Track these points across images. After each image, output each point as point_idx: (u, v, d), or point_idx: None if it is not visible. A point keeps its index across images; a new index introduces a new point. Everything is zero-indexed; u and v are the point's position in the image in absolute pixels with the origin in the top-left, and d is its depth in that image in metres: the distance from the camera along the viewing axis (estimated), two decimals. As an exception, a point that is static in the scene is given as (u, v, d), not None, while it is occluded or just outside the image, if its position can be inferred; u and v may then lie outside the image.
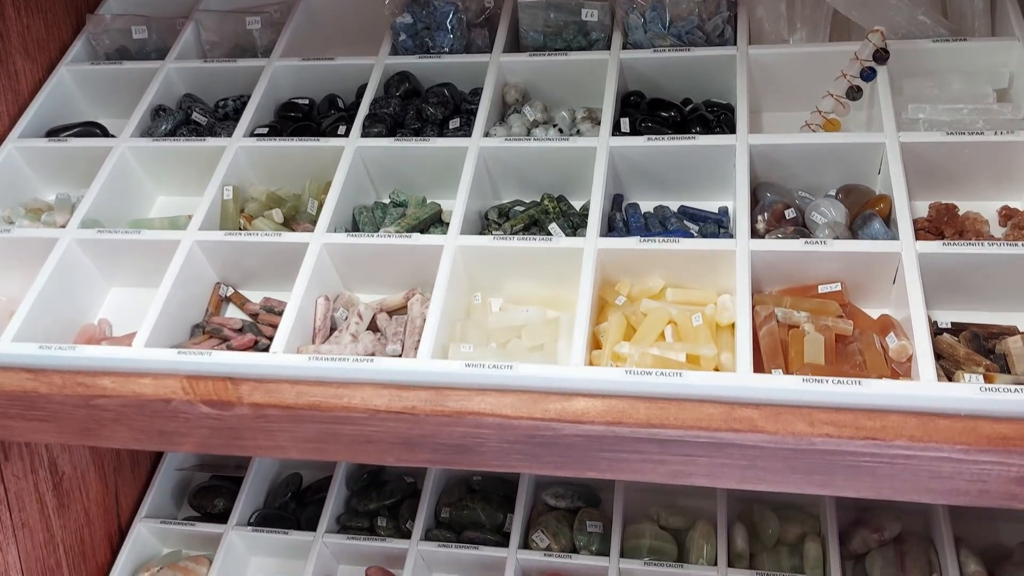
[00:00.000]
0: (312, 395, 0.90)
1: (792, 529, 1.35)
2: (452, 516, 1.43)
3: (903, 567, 1.27)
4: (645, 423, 0.84)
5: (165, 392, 0.92)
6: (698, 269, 0.94)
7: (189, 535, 1.46)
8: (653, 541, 1.36)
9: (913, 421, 0.78)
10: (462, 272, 0.98)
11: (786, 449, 0.82)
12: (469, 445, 0.91)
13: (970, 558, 1.24)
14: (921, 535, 1.32)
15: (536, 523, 1.41)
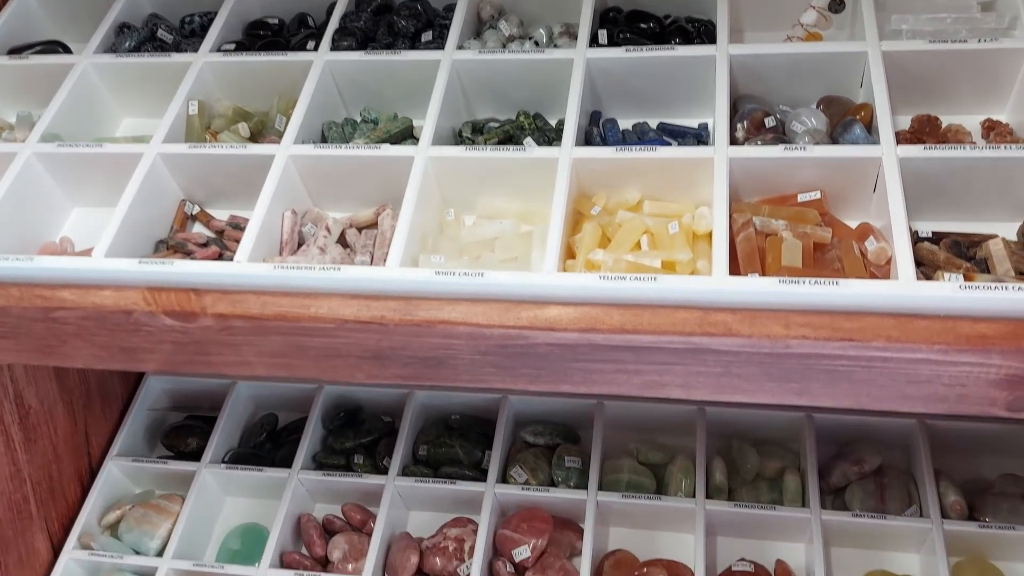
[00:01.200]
0: (278, 305, 0.87)
1: (771, 463, 1.34)
2: (430, 453, 1.42)
3: (882, 499, 1.26)
4: (619, 329, 0.82)
5: (126, 303, 0.90)
6: (676, 181, 0.92)
7: (161, 474, 1.43)
8: (631, 476, 1.35)
9: (891, 322, 0.77)
10: (433, 185, 0.95)
11: (761, 353, 0.80)
12: (440, 358, 0.89)
13: (949, 489, 1.24)
14: (901, 469, 1.32)
15: (514, 459, 1.40)
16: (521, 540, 1.30)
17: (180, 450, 1.47)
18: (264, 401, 1.54)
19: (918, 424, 1.30)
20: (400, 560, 1.30)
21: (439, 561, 1.30)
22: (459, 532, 1.34)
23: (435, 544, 1.33)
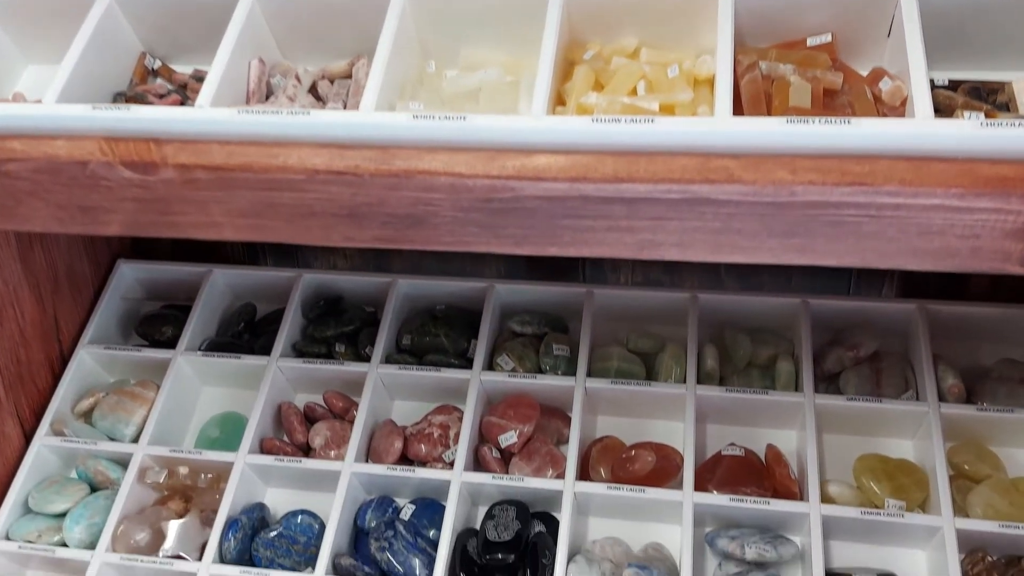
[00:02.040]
0: (244, 155, 0.81)
1: (764, 351, 1.31)
2: (414, 342, 1.38)
3: (878, 384, 1.23)
4: (612, 178, 0.76)
5: (81, 154, 0.83)
6: (677, 26, 0.85)
7: (135, 363, 1.39)
8: (621, 363, 1.31)
9: (904, 165, 0.71)
10: (412, 31, 0.88)
11: (764, 203, 0.75)
12: (421, 215, 0.83)
13: (948, 372, 1.20)
14: (898, 355, 1.28)
15: (501, 348, 1.36)
16: (507, 426, 1.26)
17: (155, 339, 1.42)
18: (242, 291, 1.49)
19: (917, 309, 1.26)
20: (384, 445, 1.27)
21: (423, 447, 1.27)
22: (444, 419, 1.30)
23: (419, 431, 1.29)
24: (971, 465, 1.17)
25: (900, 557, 1.16)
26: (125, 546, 1.20)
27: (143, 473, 1.26)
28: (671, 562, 1.18)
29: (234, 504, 1.22)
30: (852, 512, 1.12)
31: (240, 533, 1.19)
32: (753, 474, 1.19)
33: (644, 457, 1.20)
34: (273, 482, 1.31)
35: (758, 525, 1.17)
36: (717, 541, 1.15)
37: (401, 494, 1.28)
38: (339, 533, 1.19)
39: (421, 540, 1.19)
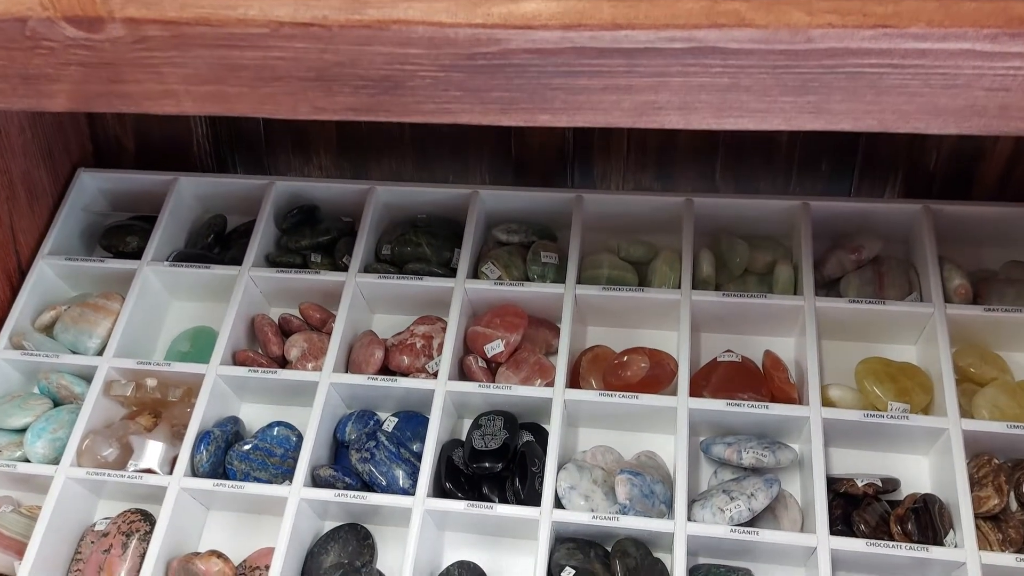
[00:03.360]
0: (199, 6, 0.73)
1: (762, 257, 1.25)
2: (394, 252, 1.31)
3: (880, 287, 1.18)
4: (610, 24, 0.68)
5: (19, 9, 0.74)
6: None
7: (99, 275, 1.31)
8: (612, 271, 1.25)
9: (933, 4, 0.64)
10: None
11: (777, 52, 0.67)
12: (397, 78, 0.75)
13: (954, 272, 1.15)
14: (901, 259, 1.23)
15: (486, 257, 1.29)
16: (494, 335, 1.21)
17: (119, 250, 1.35)
18: (211, 201, 1.41)
19: (922, 210, 1.20)
20: (364, 356, 1.21)
21: (405, 359, 1.21)
22: (427, 329, 1.24)
23: (401, 341, 1.23)
24: (977, 368, 1.12)
25: (902, 463, 1.12)
26: (91, 461, 1.14)
27: (109, 386, 1.19)
28: (665, 470, 1.13)
29: (205, 418, 1.16)
30: (854, 415, 1.07)
31: (212, 446, 1.13)
32: (750, 380, 1.14)
33: (637, 363, 1.15)
34: (248, 396, 1.25)
35: (755, 432, 1.12)
36: (712, 448, 1.10)
37: (383, 407, 1.23)
38: (318, 445, 1.14)
39: (404, 451, 1.14)
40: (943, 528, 1.00)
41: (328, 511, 1.14)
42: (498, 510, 1.06)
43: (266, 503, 1.12)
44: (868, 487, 1.04)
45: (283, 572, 1.05)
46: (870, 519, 1.02)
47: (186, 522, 1.13)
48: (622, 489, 1.06)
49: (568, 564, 1.03)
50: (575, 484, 1.08)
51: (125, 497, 1.17)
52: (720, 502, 1.03)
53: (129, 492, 1.15)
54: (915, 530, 0.99)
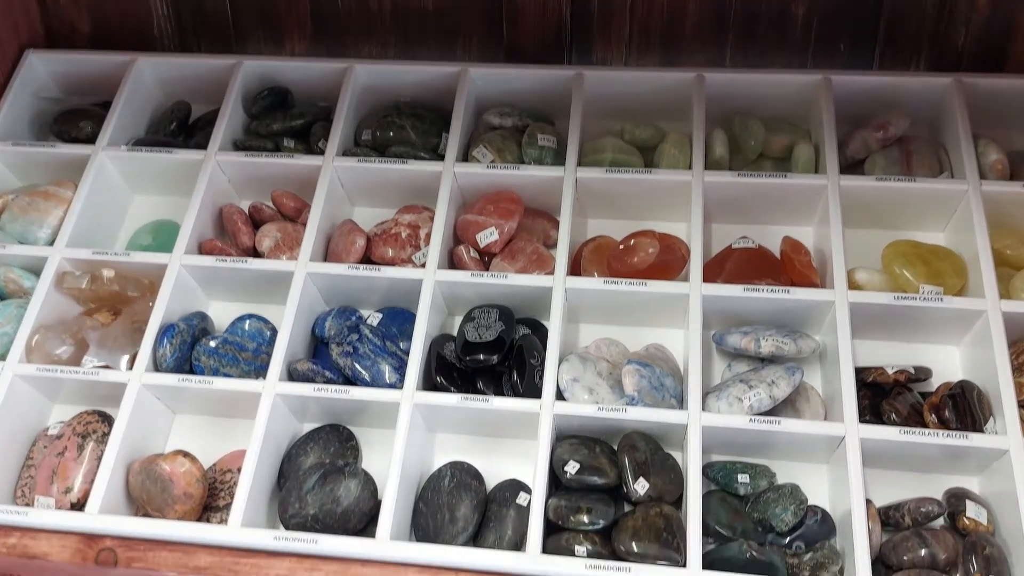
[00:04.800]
0: None
1: (779, 139, 1.15)
2: (375, 137, 1.19)
3: (908, 166, 1.08)
4: None
5: None
6: None
7: (50, 162, 1.19)
8: (616, 154, 1.14)
9: None
10: None
11: None
12: None
13: (990, 147, 1.06)
14: (930, 138, 1.13)
15: (477, 141, 1.18)
16: (487, 223, 1.10)
17: (72, 136, 1.22)
18: (172, 86, 1.28)
19: (953, 83, 1.10)
20: (344, 245, 1.10)
21: (390, 250, 1.11)
22: (413, 218, 1.13)
23: (385, 231, 1.12)
24: (1014, 250, 1.03)
25: (931, 354, 1.04)
26: (43, 358, 1.03)
27: (61, 279, 1.08)
28: (673, 363, 1.04)
29: (169, 311, 1.05)
30: (883, 298, 0.98)
31: (177, 339, 1.02)
32: (768, 267, 1.04)
33: (645, 247, 1.05)
34: (216, 293, 1.14)
35: (773, 322, 1.03)
36: (727, 339, 1.01)
37: (365, 303, 1.12)
38: (294, 340, 1.03)
39: (391, 344, 1.03)
40: (982, 415, 0.91)
41: (307, 411, 1.04)
42: (495, 403, 0.97)
43: (238, 402, 1.01)
44: (900, 374, 0.95)
45: (257, 473, 0.95)
46: (901, 408, 0.94)
47: (149, 425, 1.03)
48: (630, 380, 0.96)
49: (572, 459, 0.94)
50: (578, 376, 0.98)
51: (81, 400, 1.07)
52: (737, 391, 0.94)
53: (85, 393, 1.05)
54: (953, 417, 0.91)
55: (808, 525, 0.92)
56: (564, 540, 0.90)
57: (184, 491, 0.94)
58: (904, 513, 0.90)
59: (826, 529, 0.92)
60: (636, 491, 0.92)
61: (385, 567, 0.91)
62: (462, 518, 0.96)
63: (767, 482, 0.95)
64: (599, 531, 0.91)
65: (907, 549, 0.87)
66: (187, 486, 0.94)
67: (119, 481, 0.97)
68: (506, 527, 0.95)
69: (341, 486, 0.95)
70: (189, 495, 0.94)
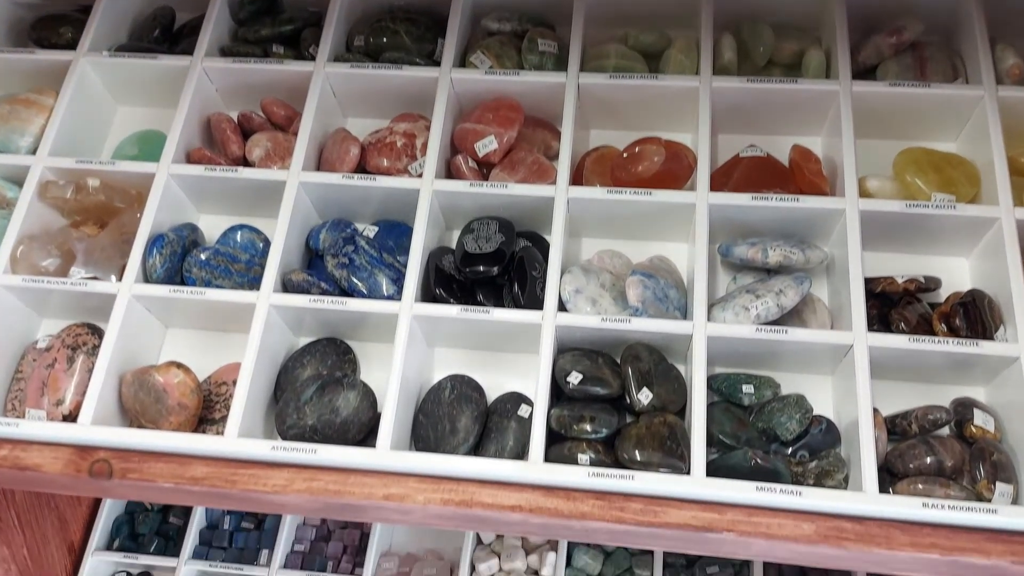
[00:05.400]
0: None
1: (788, 46, 1.10)
2: (368, 43, 1.14)
3: (922, 72, 1.05)
4: None
5: None
6: None
7: (28, 70, 1.14)
8: (620, 60, 1.10)
9: None
10: None
11: None
12: None
13: (1008, 52, 1.02)
14: (944, 44, 1.09)
15: (474, 47, 1.13)
16: (485, 131, 1.06)
17: (52, 42, 1.17)
18: (156, -9, 1.23)
19: (970, -13, 1.06)
20: (337, 153, 1.06)
21: (385, 160, 1.07)
22: (408, 127, 1.09)
23: (380, 139, 1.08)
24: (1029, 158, 1.00)
25: (941, 266, 1.01)
26: (28, 269, 1.00)
27: (45, 188, 1.04)
28: (678, 276, 1.01)
29: (158, 223, 1.01)
30: (895, 206, 0.95)
31: (167, 249, 0.99)
32: (776, 176, 1.01)
33: (650, 155, 1.01)
34: (205, 205, 1.10)
35: (780, 233, 1.00)
36: (734, 250, 0.98)
37: (360, 216, 1.09)
38: (288, 251, 1.00)
39: (388, 255, 1.01)
40: (993, 323, 0.90)
41: (303, 324, 1.02)
42: (495, 315, 0.94)
43: (231, 314, 0.99)
44: (910, 283, 0.94)
45: (253, 385, 0.93)
46: (911, 317, 0.92)
47: (141, 338, 1.01)
48: (634, 291, 0.94)
49: (575, 369, 0.92)
50: (581, 288, 0.96)
51: (70, 314, 1.04)
52: (744, 301, 0.92)
53: (74, 307, 1.02)
54: (963, 325, 0.89)
55: (812, 434, 0.91)
56: (567, 449, 0.89)
57: (178, 402, 0.92)
58: (911, 421, 0.89)
59: (831, 439, 0.91)
60: (639, 401, 0.91)
61: (386, 477, 0.90)
62: (463, 429, 0.94)
63: (771, 392, 0.94)
64: (602, 440, 0.90)
65: (913, 456, 0.86)
66: (181, 397, 0.92)
67: (111, 393, 0.95)
68: (507, 438, 0.94)
69: (340, 397, 0.93)
70: (184, 406, 0.92)
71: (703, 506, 0.86)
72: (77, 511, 1.50)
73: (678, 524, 0.86)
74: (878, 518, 0.83)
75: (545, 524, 0.90)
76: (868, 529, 0.84)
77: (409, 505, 0.89)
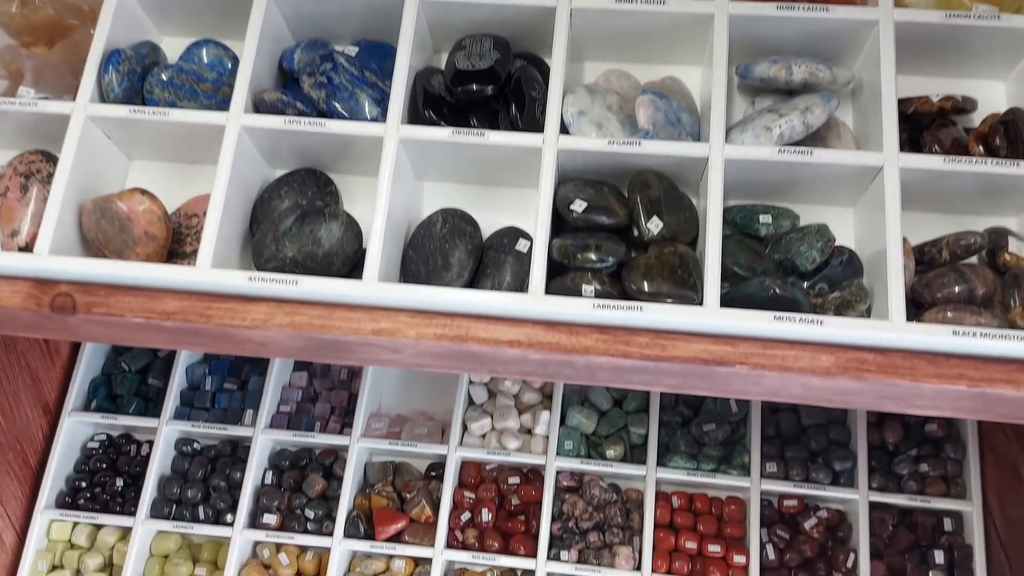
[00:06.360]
0: None
1: None
2: None
3: None
4: None
5: None
6: None
7: None
8: None
9: None
10: None
11: None
12: None
13: None
14: None
15: None
16: (478, -61, 0.95)
17: None
18: None
19: None
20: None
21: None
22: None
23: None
24: (1080, -33, 0.91)
25: (974, 90, 0.93)
26: (-30, 90, 0.90)
27: (-17, 0, 0.93)
28: (691, 99, 0.93)
29: (113, 38, 0.91)
30: (933, 17, 0.86)
31: (124, 66, 0.89)
32: (801, -12, 0.91)
33: (663, -39, 0.91)
34: (168, 27, 0.99)
35: (804, 51, 0.91)
36: (754, 68, 0.89)
37: (339, 35, 0.98)
38: (258, 71, 0.90)
39: (370, 74, 0.91)
40: (1035, 143, 0.82)
41: (278, 153, 0.93)
42: (491, 138, 0.86)
43: (200, 140, 0.89)
44: (945, 101, 0.86)
45: (226, 213, 0.85)
46: (944, 140, 0.85)
47: (102, 169, 0.92)
48: (644, 112, 0.86)
49: (578, 197, 0.84)
50: (585, 109, 0.87)
51: (20, 141, 0.94)
52: (766, 121, 0.84)
53: (25, 131, 0.92)
54: (1003, 144, 0.82)
55: (833, 266, 0.85)
56: (570, 280, 0.82)
57: (145, 231, 0.84)
58: (941, 248, 0.82)
59: (851, 270, 0.85)
60: (649, 230, 0.84)
61: (374, 312, 0.83)
62: (456, 264, 0.87)
63: (790, 223, 0.87)
64: (608, 270, 0.83)
65: (942, 285, 0.80)
66: (148, 225, 0.84)
67: (71, 222, 0.87)
68: (504, 273, 0.87)
69: (322, 227, 0.86)
70: (151, 236, 0.85)
71: (715, 339, 0.81)
72: (51, 371, 1.44)
73: (687, 358, 0.81)
74: (903, 349, 0.78)
75: (545, 360, 0.84)
76: (891, 360, 0.78)
77: (400, 340, 0.83)
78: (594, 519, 1.36)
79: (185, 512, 1.39)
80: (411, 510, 1.38)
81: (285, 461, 1.43)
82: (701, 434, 1.37)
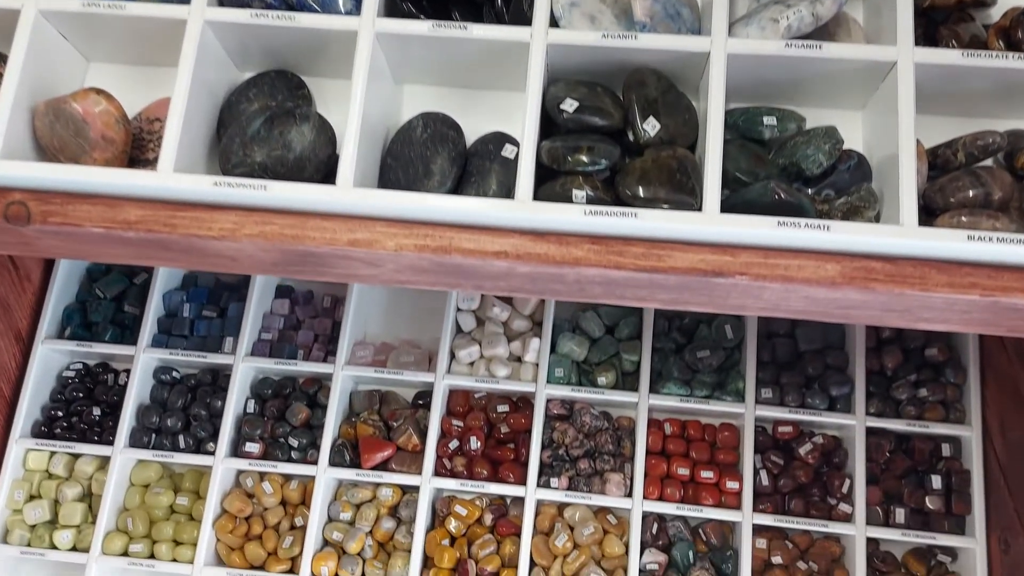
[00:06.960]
0: None
1: None
2: None
3: None
4: None
5: None
6: None
7: None
8: None
9: None
10: None
11: None
12: None
13: None
14: None
15: None
16: None
17: None
18: None
19: None
20: None
21: None
22: None
23: None
24: None
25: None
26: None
27: None
28: (692, -5, 0.86)
29: (64, -74, 0.83)
30: (955, -101, 0.79)
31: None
32: None
33: None
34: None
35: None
36: (758, -41, 0.83)
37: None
38: (223, -38, 0.83)
39: (343, -37, 0.84)
40: (1061, 39, 0.76)
41: (247, 53, 0.86)
42: (474, 32, 0.80)
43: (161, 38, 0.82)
44: (965, -9, 0.79)
45: (188, 116, 0.79)
46: (962, 35, 0.79)
47: (57, 70, 0.85)
48: (641, 4, 0.79)
49: (569, 96, 0.78)
50: (577, 1, 0.81)
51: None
52: (772, 13, 0.78)
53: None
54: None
55: (840, 171, 0.80)
56: (559, 185, 0.77)
57: (102, 134, 0.78)
58: (957, 149, 0.77)
59: (860, 175, 0.80)
60: (645, 132, 0.78)
61: (350, 221, 0.78)
62: (438, 171, 0.82)
63: (796, 126, 0.81)
64: (601, 174, 0.78)
65: (957, 189, 0.75)
66: (105, 128, 0.78)
67: (22, 126, 0.80)
68: (490, 181, 0.82)
69: (292, 130, 0.80)
70: (109, 139, 0.79)
71: (714, 248, 0.76)
72: (22, 297, 1.39)
73: (684, 268, 0.76)
74: (913, 256, 0.73)
75: (533, 273, 0.79)
76: (900, 269, 0.74)
77: (379, 252, 0.78)
78: (584, 446, 1.33)
79: (165, 441, 1.35)
80: (398, 438, 1.35)
81: (267, 390, 1.39)
82: (695, 360, 1.33)
